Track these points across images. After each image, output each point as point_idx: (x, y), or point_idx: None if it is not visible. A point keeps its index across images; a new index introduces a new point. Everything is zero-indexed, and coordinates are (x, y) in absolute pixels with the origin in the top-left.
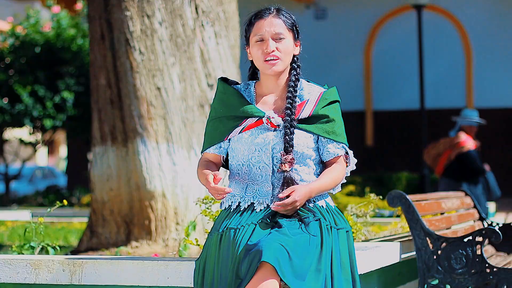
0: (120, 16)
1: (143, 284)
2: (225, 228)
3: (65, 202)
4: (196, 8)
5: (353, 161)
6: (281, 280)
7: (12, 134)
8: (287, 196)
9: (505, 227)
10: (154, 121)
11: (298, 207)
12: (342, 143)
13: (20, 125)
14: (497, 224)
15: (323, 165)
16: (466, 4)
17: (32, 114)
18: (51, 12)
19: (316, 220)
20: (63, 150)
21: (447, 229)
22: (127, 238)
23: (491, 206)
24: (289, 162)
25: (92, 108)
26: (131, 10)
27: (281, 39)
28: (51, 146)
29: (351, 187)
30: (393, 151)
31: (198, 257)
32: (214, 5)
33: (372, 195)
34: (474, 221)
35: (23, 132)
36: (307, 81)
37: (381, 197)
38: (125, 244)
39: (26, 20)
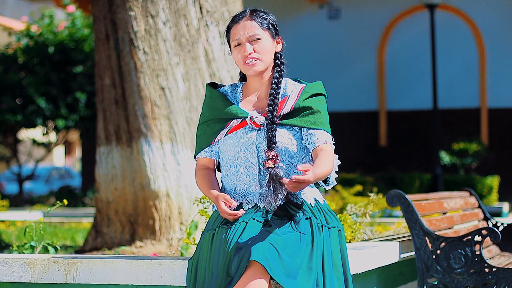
0: (124, 16)
1: (137, 283)
2: (217, 226)
3: (65, 202)
4: (200, 8)
5: (335, 156)
6: (272, 279)
7: (26, 134)
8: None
9: (510, 227)
10: (158, 121)
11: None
12: (329, 134)
13: (33, 125)
14: (502, 224)
15: (311, 162)
16: (479, 3)
17: (44, 115)
18: (65, 12)
19: (307, 219)
20: (80, 151)
21: (449, 228)
22: (131, 238)
23: (505, 206)
24: (272, 158)
25: (97, 108)
26: (135, 10)
27: (257, 40)
28: (68, 147)
29: (358, 187)
30: (406, 151)
31: (192, 256)
32: (219, 5)
33: (372, 195)
34: (478, 221)
35: (37, 133)
36: (296, 80)
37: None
38: (130, 243)
39: (41, 20)
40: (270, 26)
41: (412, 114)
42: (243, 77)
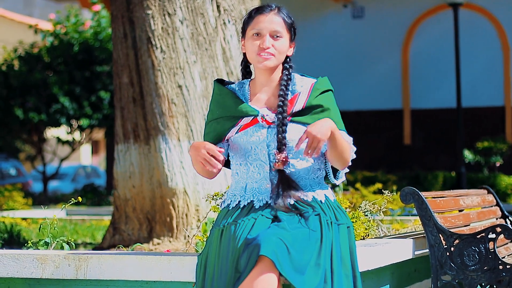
0: (142, 14)
1: (147, 279)
2: (226, 223)
3: (79, 199)
4: (218, 7)
5: (353, 149)
6: (280, 274)
7: (51, 133)
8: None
9: None
10: (176, 119)
11: (322, 143)
12: (342, 130)
13: (57, 124)
14: None
15: (322, 158)
16: (503, 2)
17: (68, 114)
18: (91, 11)
19: (316, 215)
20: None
21: (465, 226)
22: (149, 235)
23: None
24: (282, 161)
25: (115, 106)
26: (152, 9)
27: (278, 37)
28: (95, 145)
29: (378, 185)
30: (430, 149)
31: (201, 252)
32: (236, 3)
33: (386, 192)
34: (496, 218)
35: (62, 131)
36: (301, 75)
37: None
38: (147, 241)
39: (67, 20)
40: (292, 29)
41: (436, 112)
42: (244, 70)
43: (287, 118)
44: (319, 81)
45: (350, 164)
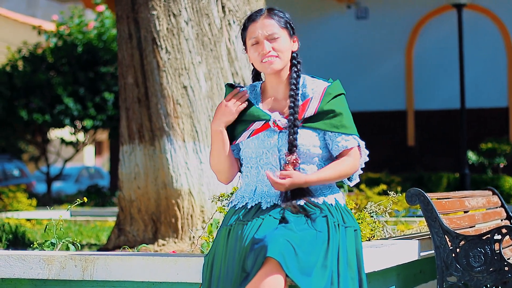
0: (147, 15)
1: (153, 280)
2: (234, 222)
3: (85, 199)
4: (223, 7)
5: (365, 152)
6: (287, 275)
7: (55, 134)
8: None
9: None
10: (181, 119)
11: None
12: (353, 134)
13: (61, 125)
14: None
15: (333, 161)
16: (507, 3)
17: (72, 114)
18: (95, 12)
19: (323, 217)
20: (109, 150)
21: (470, 227)
22: (154, 236)
23: None
24: (292, 163)
25: (120, 107)
26: (157, 9)
27: (275, 38)
28: (98, 147)
29: (383, 186)
30: (434, 150)
31: (208, 252)
32: (241, 4)
33: (392, 193)
34: (501, 219)
35: (65, 132)
36: (312, 76)
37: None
38: (152, 242)
39: (70, 20)
40: (288, 25)
41: (440, 113)
42: (255, 77)
43: (299, 123)
44: (332, 85)
45: (363, 166)
